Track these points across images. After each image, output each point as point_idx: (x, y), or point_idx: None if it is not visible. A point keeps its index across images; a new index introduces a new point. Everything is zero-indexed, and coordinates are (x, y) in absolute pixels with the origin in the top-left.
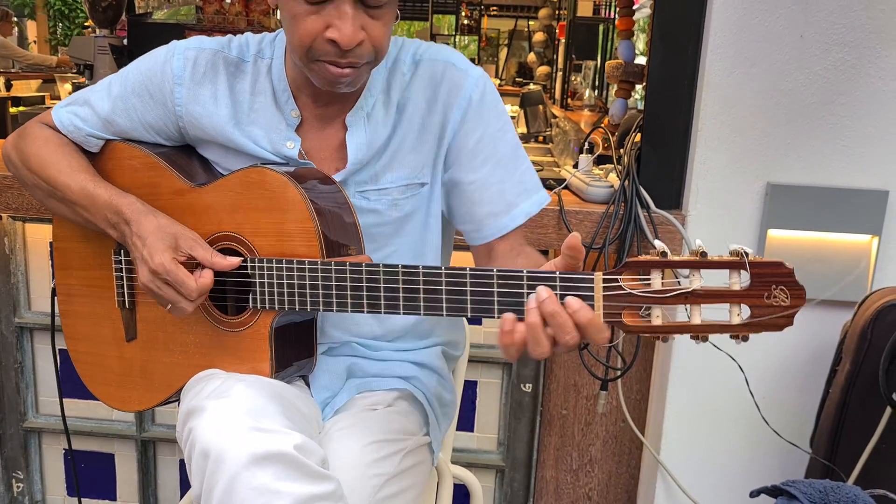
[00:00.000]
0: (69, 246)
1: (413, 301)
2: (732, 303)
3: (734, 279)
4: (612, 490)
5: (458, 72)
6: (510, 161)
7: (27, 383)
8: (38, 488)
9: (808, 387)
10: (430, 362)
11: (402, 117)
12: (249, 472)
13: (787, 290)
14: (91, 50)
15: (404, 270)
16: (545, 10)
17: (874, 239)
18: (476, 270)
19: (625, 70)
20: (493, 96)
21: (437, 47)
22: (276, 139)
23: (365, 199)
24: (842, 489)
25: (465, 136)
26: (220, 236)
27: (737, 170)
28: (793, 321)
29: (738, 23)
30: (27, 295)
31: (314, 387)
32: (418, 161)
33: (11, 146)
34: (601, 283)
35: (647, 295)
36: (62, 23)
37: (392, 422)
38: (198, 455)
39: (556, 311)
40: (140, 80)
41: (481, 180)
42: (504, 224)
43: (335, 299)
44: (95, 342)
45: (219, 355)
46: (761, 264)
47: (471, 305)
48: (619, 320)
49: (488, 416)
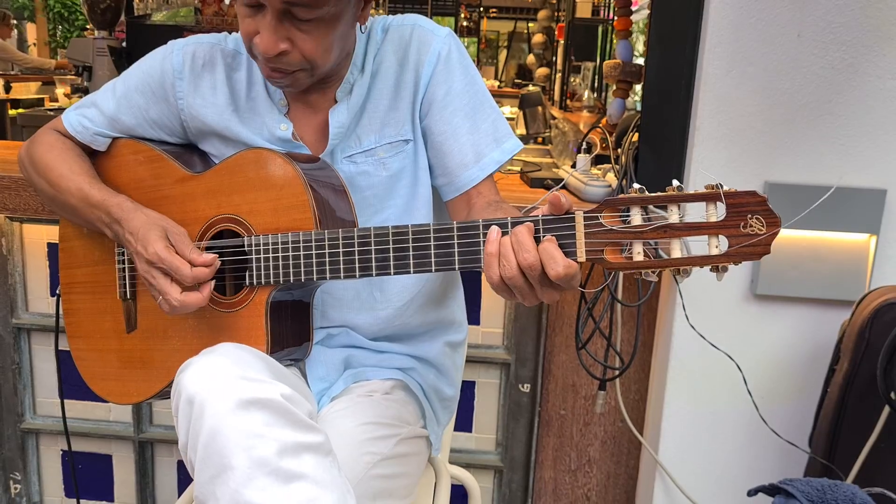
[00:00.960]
0: (74, 245)
1: (403, 260)
2: (710, 234)
3: (710, 211)
4: (611, 490)
5: (425, 31)
6: (478, 111)
7: (25, 384)
8: (36, 490)
9: (806, 386)
10: (429, 357)
11: (376, 80)
12: (235, 416)
13: (762, 218)
14: (90, 52)
15: (394, 231)
16: (544, 12)
17: (872, 238)
18: (462, 224)
19: (623, 70)
20: (460, 51)
21: (405, 15)
22: (271, 124)
23: (353, 163)
24: (839, 487)
25: (435, 88)
26: (218, 219)
27: (734, 169)
28: (770, 249)
29: (735, 22)
30: (24, 296)
31: (311, 378)
32: (397, 118)
33: (25, 152)
34: (582, 220)
35: (627, 230)
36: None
37: (388, 408)
38: (184, 402)
39: (519, 230)
40: (142, 79)
41: (450, 131)
42: (474, 174)
43: (328, 266)
44: (96, 337)
45: (216, 338)
46: (735, 194)
47: (458, 258)
48: (601, 257)
49: (486, 416)
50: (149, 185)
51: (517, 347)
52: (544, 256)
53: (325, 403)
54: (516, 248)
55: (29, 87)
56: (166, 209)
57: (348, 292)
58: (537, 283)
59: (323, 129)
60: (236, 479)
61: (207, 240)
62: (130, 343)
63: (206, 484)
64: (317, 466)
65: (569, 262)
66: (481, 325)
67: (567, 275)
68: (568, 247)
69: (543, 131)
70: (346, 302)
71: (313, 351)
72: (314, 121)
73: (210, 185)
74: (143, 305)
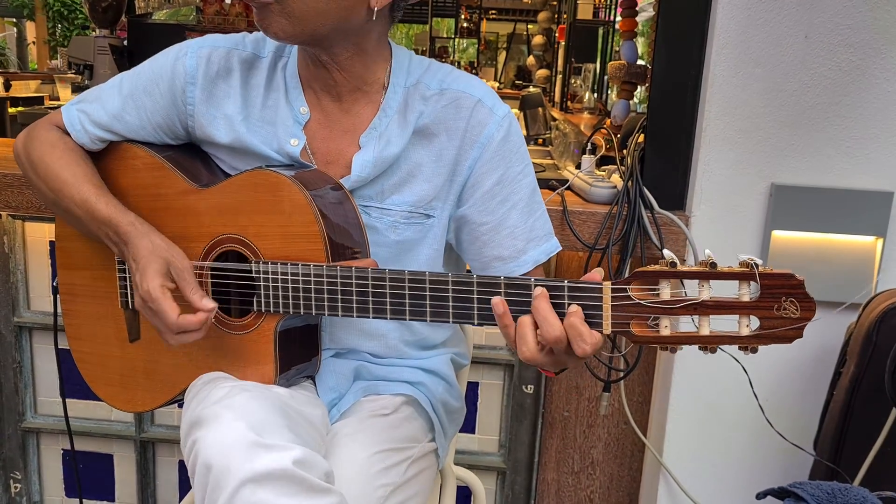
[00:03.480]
0: (72, 245)
1: (420, 307)
2: (742, 314)
3: (744, 290)
4: (614, 493)
5: (483, 108)
6: (526, 207)
7: (26, 383)
8: (36, 489)
9: (811, 389)
10: (438, 369)
11: (419, 142)
12: (249, 490)
13: (797, 301)
14: (91, 50)
15: (411, 276)
16: (544, 14)
17: (879, 240)
18: (483, 278)
19: (627, 71)
20: (517, 137)
21: (467, 78)
22: (282, 136)
23: (366, 213)
24: (850, 491)
25: (483, 175)
26: (223, 238)
27: (741, 171)
28: (802, 333)
29: (742, 23)
30: (26, 294)
31: (321, 388)
32: (429, 192)
33: (21, 146)
34: (609, 292)
35: (656, 305)
36: (61, 24)
37: (398, 428)
38: (200, 468)
39: (539, 306)
40: (151, 78)
41: (494, 223)
42: (510, 269)
43: (340, 304)
44: (98, 342)
45: (223, 357)
46: (771, 275)
47: (477, 313)
48: (627, 330)
49: (490, 417)
50: (150, 194)
51: None
52: (571, 333)
53: (335, 416)
54: (541, 325)
55: (28, 86)
56: (168, 221)
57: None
58: (564, 355)
59: (344, 160)
60: None
61: (212, 260)
62: (133, 352)
63: None
64: None
65: (596, 339)
66: (485, 326)
67: (594, 350)
68: (593, 318)
69: (544, 133)
70: (356, 325)
71: (325, 361)
72: (337, 144)
73: (215, 201)
74: None
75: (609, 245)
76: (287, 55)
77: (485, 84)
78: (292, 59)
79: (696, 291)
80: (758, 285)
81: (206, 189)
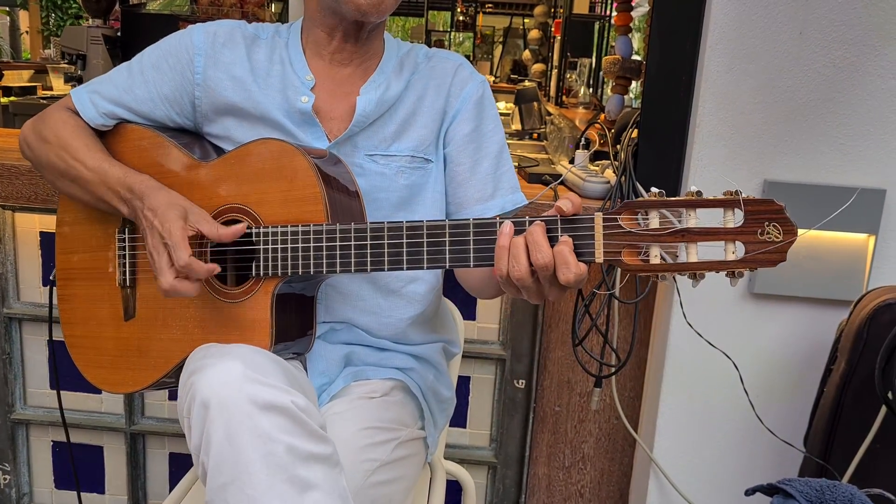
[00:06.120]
0: (72, 230)
1: (417, 255)
2: (727, 240)
3: (728, 217)
4: (605, 487)
5: (465, 71)
6: (495, 159)
7: (15, 374)
8: (26, 480)
9: (802, 385)
10: (429, 356)
11: (412, 92)
12: (250, 419)
13: (779, 225)
14: (84, 40)
15: (409, 225)
16: (540, 8)
17: (871, 238)
18: (479, 220)
19: (622, 66)
20: (490, 102)
21: (447, 51)
22: (293, 95)
23: (373, 161)
24: (838, 488)
25: (462, 123)
26: (225, 208)
27: (734, 167)
28: (786, 256)
29: (737, 19)
30: (16, 285)
31: (311, 372)
32: (425, 137)
33: (30, 129)
34: (601, 221)
35: (645, 233)
36: (55, 13)
37: (387, 410)
38: (198, 406)
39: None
40: (160, 55)
41: (469, 165)
42: (480, 211)
43: (339, 260)
44: (92, 325)
45: (217, 328)
46: (754, 201)
47: (473, 255)
48: (618, 258)
49: (481, 412)
50: (155, 172)
51: (513, 343)
52: (558, 259)
53: (325, 401)
54: (531, 248)
55: (21, 75)
56: None
57: (353, 290)
58: (546, 283)
59: (348, 112)
60: (253, 486)
61: None
62: (128, 331)
63: (218, 490)
64: (327, 478)
65: (580, 269)
66: (477, 320)
67: (577, 280)
68: (586, 247)
69: (539, 127)
70: (351, 299)
71: (316, 346)
72: (340, 102)
73: (218, 173)
74: (142, 293)
75: None
76: (285, 37)
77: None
78: (293, 38)
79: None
80: (742, 212)
81: (209, 162)
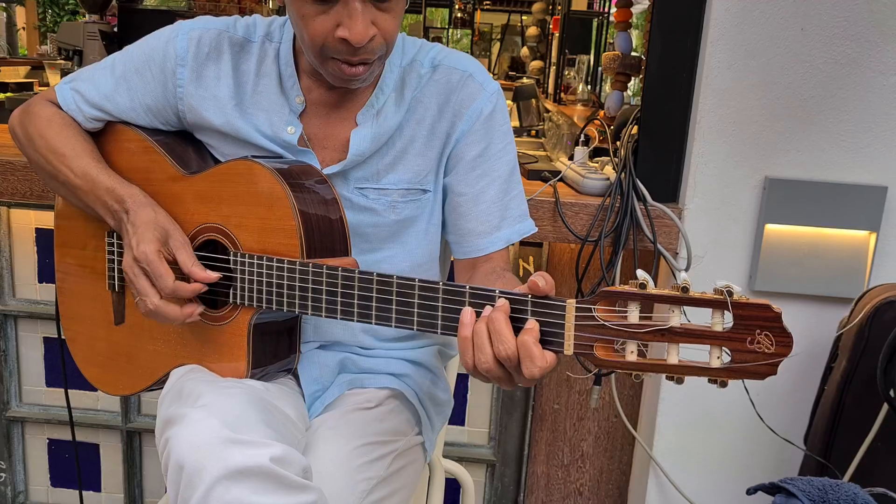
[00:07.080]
0: (70, 224)
1: (385, 312)
2: (713, 344)
3: (717, 318)
4: (604, 486)
5: (475, 83)
6: (504, 184)
7: (10, 371)
8: (21, 478)
9: (803, 384)
10: (424, 361)
11: (412, 118)
12: (224, 487)
13: (772, 336)
14: (80, 36)
15: (379, 279)
16: (539, 5)
17: (872, 235)
18: (448, 286)
19: (622, 62)
20: (503, 115)
21: (458, 55)
22: (278, 123)
23: (363, 196)
24: (841, 487)
25: (467, 147)
26: (205, 227)
27: (735, 163)
28: (776, 370)
29: (738, 15)
30: (11, 282)
31: (304, 379)
32: (423, 166)
33: (17, 122)
34: (574, 311)
35: (622, 329)
36: (51, 9)
37: (383, 421)
38: (173, 467)
39: (497, 318)
40: (143, 59)
41: (472, 195)
42: (483, 245)
43: (310, 302)
44: (87, 323)
45: (199, 348)
46: (746, 305)
47: (441, 322)
48: (590, 353)
49: (480, 410)
50: (140, 178)
51: None
52: (522, 351)
53: (318, 410)
54: (493, 338)
55: (18, 71)
56: None
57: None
58: (514, 372)
59: (341, 143)
60: None
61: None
62: (118, 335)
63: None
64: None
65: (546, 362)
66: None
67: (542, 374)
68: (555, 336)
69: (537, 124)
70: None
71: (310, 352)
72: (335, 129)
73: (201, 189)
74: (131, 300)
75: (601, 237)
76: (278, 40)
77: (476, 60)
78: (285, 46)
79: (668, 318)
80: (731, 315)
81: (194, 176)
